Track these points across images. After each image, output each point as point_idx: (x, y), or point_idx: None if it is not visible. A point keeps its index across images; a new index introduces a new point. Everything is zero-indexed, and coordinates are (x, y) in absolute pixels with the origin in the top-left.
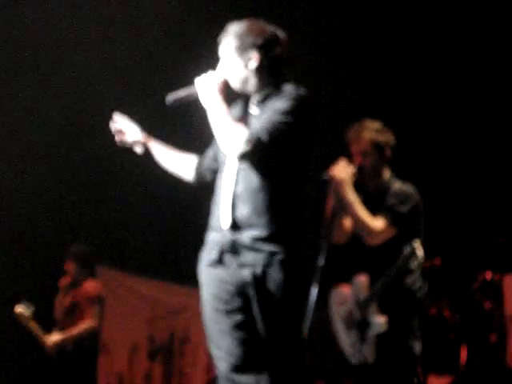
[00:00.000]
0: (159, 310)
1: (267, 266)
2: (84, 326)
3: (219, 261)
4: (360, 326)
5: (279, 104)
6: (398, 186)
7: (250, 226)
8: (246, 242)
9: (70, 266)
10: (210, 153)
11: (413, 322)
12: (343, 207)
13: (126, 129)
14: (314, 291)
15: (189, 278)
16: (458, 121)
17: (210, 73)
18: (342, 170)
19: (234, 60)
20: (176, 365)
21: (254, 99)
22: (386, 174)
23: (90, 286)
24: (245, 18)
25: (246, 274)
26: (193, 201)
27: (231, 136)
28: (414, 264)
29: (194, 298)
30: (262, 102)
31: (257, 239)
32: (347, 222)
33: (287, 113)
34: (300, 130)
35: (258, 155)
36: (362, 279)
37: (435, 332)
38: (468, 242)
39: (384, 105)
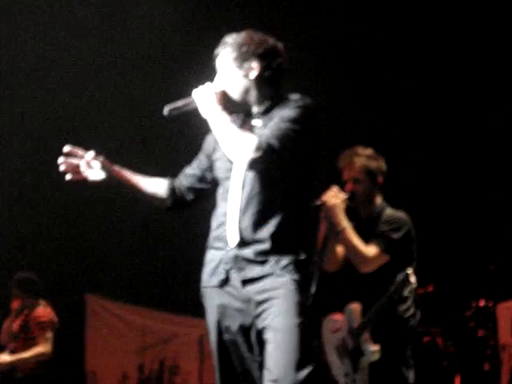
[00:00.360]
0: (149, 338)
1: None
2: (36, 350)
3: (227, 279)
4: (353, 354)
5: (286, 112)
6: (389, 212)
7: (255, 240)
8: (251, 256)
9: (16, 292)
10: (191, 171)
11: (406, 350)
12: (335, 234)
13: (80, 160)
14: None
15: (178, 307)
16: (450, 148)
17: (208, 84)
18: (334, 197)
19: (234, 71)
20: None
21: (255, 111)
22: (378, 200)
23: (43, 311)
24: (242, 30)
25: (252, 289)
26: (181, 229)
27: (240, 143)
28: (406, 291)
29: (183, 327)
30: (265, 113)
31: (261, 253)
32: (339, 249)
33: (295, 121)
34: (307, 139)
35: (270, 162)
36: (355, 307)
37: (429, 360)
38: (461, 270)
39: (377, 131)
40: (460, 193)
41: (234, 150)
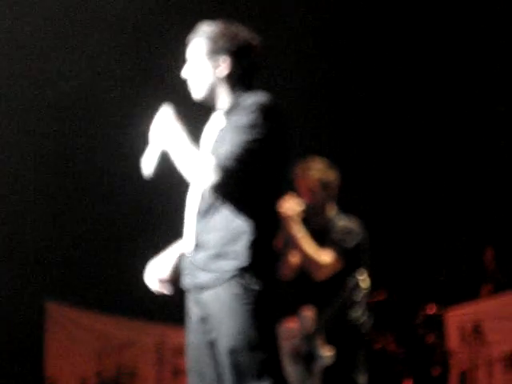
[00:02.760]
0: (107, 343)
1: (218, 285)
2: None
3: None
4: (306, 359)
5: (240, 119)
6: (342, 222)
7: (204, 245)
8: (200, 262)
9: None
10: None
11: (359, 355)
12: (291, 243)
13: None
14: None
15: (137, 312)
16: (400, 156)
17: (160, 112)
18: (290, 207)
19: (203, 64)
20: None
21: (220, 110)
22: (332, 211)
23: None
24: (218, 19)
25: (203, 296)
26: (140, 233)
27: (198, 168)
28: (358, 296)
29: (141, 333)
30: (229, 111)
31: (209, 259)
32: (293, 258)
33: (251, 127)
34: (270, 142)
35: (230, 184)
36: (308, 313)
37: (380, 365)
38: (411, 277)
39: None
40: (412, 200)
41: (192, 176)
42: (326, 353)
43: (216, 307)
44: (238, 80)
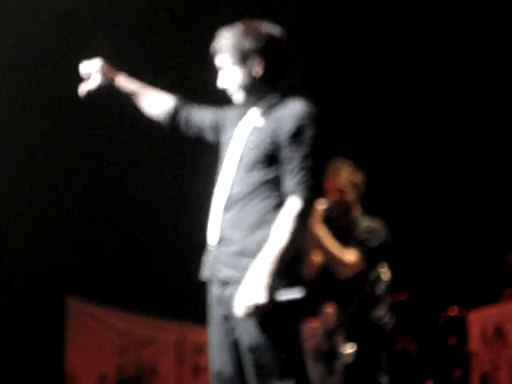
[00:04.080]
0: (128, 341)
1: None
2: None
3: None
4: (328, 357)
5: (292, 129)
6: (367, 223)
7: (230, 240)
8: (223, 257)
9: None
10: (209, 114)
11: (381, 355)
12: (314, 242)
13: (92, 69)
14: None
15: (157, 310)
16: (428, 157)
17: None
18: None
19: (237, 71)
20: None
21: (259, 109)
22: (357, 211)
23: None
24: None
25: (226, 292)
26: (163, 232)
27: (291, 228)
28: (380, 289)
29: (162, 330)
30: (267, 111)
31: (233, 255)
32: (316, 257)
33: (308, 143)
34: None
35: (313, 203)
36: (330, 310)
37: (401, 366)
38: (434, 279)
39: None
40: (436, 201)
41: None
42: (347, 350)
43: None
44: (275, 76)
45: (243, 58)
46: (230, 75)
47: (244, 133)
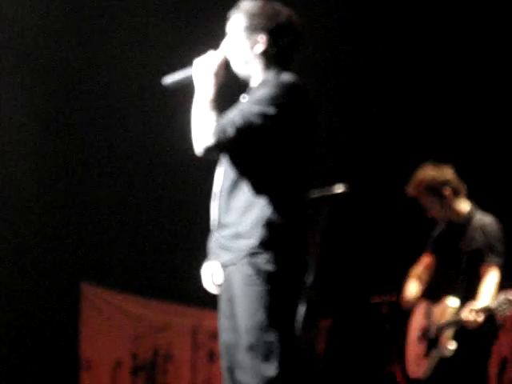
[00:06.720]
0: (143, 326)
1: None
2: None
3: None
4: (430, 343)
5: (260, 92)
6: (479, 216)
7: (225, 225)
8: (222, 241)
9: None
10: None
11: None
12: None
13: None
14: (302, 310)
15: (173, 295)
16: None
17: (210, 53)
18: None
19: (241, 40)
20: (159, 382)
21: (250, 86)
22: (462, 208)
23: None
24: None
25: (225, 275)
26: (178, 216)
27: (201, 127)
28: (505, 312)
29: (177, 316)
30: (255, 89)
31: (230, 238)
32: (417, 287)
33: (265, 103)
34: (284, 121)
35: (221, 150)
36: (453, 303)
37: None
38: None
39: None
40: None
41: (194, 134)
42: (449, 346)
43: (234, 287)
44: (274, 58)
45: (250, 30)
46: (235, 41)
47: None
